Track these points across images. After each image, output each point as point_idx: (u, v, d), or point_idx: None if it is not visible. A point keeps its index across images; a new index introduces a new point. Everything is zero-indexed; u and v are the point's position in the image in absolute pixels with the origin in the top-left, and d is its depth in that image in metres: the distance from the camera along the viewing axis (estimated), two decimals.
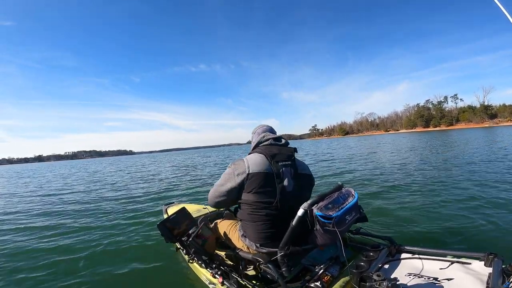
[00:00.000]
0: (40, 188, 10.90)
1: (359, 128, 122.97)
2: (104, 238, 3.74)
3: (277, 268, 1.50)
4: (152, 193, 7.32)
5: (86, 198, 7.27)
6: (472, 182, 5.15)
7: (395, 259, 1.61)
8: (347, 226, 1.44)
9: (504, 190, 4.37)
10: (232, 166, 1.61)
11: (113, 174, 15.34)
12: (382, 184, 5.66)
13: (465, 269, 1.39)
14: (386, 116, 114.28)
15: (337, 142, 44.78)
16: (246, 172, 1.53)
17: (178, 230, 1.97)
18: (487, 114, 75.69)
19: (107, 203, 6.29)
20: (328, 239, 1.40)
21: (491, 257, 1.37)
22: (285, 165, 1.60)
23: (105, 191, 8.45)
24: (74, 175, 17.20)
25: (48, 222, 4.86)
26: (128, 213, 5.13)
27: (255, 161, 1.56)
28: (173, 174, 12.27)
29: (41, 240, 3.89)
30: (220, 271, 1.69)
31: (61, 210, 5.93)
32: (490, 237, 2.78)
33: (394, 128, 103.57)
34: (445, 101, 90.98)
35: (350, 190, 1.55)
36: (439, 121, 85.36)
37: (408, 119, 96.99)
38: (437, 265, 1.48)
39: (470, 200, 3.99)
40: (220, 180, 1.64)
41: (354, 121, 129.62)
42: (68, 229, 4.31)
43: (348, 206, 1.42)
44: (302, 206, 1.38)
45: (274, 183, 1.54)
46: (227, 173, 1.61)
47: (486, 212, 3.45)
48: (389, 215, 3.64)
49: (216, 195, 1.67)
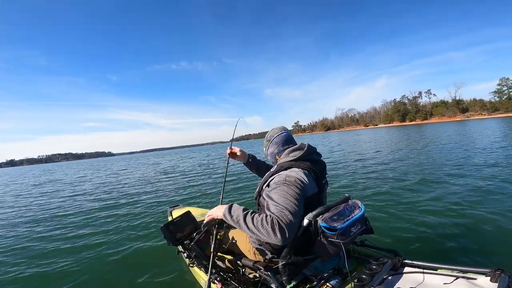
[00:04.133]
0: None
1: (340, 124, 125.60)
2: (107, 238, 3.96)
3: (278, 277, 1.49)
4: (157, 194, 7.50)
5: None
6: (481, 193, 4.58)
7: (399, 272, 1.56)
8: (351, 238, 1.42)
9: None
10: (298, 183, 1.38)
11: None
12: (387, 196, 5.14)
13: (470, 285, 1.34)
14: (366, 112, 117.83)
15: (322, 137, 44.94)
16: (310, 193, 1.43)
17: (181, 234, 2.00)
18: (458, 108, 79.38)
19: (106, 204, 6.67)
20: (331, 250, 1.38)
21: (498, 273, 1.31)
22: (325, 182, 1.60)
23: (92, 194, 8.54)
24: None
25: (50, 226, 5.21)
26: (131, 214, 5.39)
27: (310, 182, 1.45)
28: (183, 177, 11.59)
29: (40, 241, 4.23)
30: (219, 277, 1.67)
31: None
32: (497, 251, 2.64)
33: (373, 123, 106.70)
34: (420, 97, 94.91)
35: (357, 202, 1.53)
36: (414, 116, 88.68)
37: (386, 114, 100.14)
38: (442, 280, 1.43)
39: (478, 214, 3.63)
40: (293, 204, 1.29)
41: (336, 116, 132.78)
42: (67, 230, 4.66)
43: (353, 218, 1.40)
44: (306, 217, 1.37)
45: (317, 200, 1.50)
46: (297, 194, 1.34)
47: (494, 225, 3.22)
48: (394, 227, 3.48)
49: (295, 225, 1.27)
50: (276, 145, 1.64)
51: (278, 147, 1.64)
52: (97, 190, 10.07)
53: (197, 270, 1.99)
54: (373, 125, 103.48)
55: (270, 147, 1.68)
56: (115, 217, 5.43)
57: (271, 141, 1.67)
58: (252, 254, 1.66)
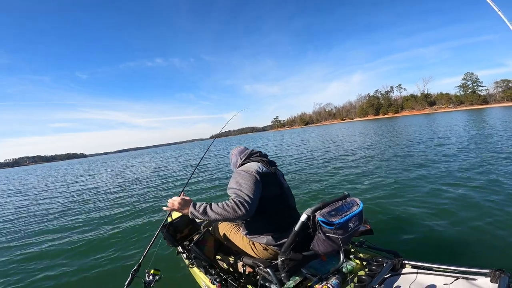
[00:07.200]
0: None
1: (318, 118, 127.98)
2: (104, 239, 3.97)
3: (276, 273, 1.51)
4: (155, 193, 7.41)
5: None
6: (481, 196, 4.36)
7: (399, 273, 1.57)
8: (349, 234, 1.46)
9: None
10: (245, 169, 1.69)
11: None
12: (386, 197, 4.94)
13: (470, 285, 1.36)
14: (342, 106, 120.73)
15: (300, 132, 45.57)
16: (260, 171, 1.68)
17: (180, 234, 2.02)
18: (427, 102, 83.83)
19: (107, 203, 6.66)
20: (329, 247, 1.42)
21: (498, 274, 1.33)
22: (276, 168, 1.86)
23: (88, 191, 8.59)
24: None
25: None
26: (130, 214, 5.35)
27: (259, 165, 1.75)
28: (182, 172, 11.47)
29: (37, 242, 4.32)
30: (219, 278, 1.70)
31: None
32: (497, 252, 2.63)
33: (349, 117, 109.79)
34: (392, 91, 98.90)
35: (355, 199, 1.57)
36: (387, 109, 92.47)
37: (361, 108, 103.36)
38: (442, 280, 1.44)
39: (479, 214, 3.58)
40: (245, 184, 1.58)
41: (313, 111, 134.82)
42: (66, 230, 4.68)
43: (351, 214, 1.44)
44: (305, 212, 1.44)
45: (275, 181, 1.74)
46: (246, 175, 1.63)
47: (495, 226, 3.20)
48: (394, 228, 3.47)
49: (253, 199, 1.52)
50: (236, 156, 1.98)
51: (237, 157, 1.97)
52: (93, 190, 9.65)
53: (197, 271, 2.00)
54: (349, 119, 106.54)
55: (232, 159, 2.03)
56: (113, 218, 5.37)
57: (232, 153, 2.05)
58: (251, 246, 1.76)
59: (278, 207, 1.69)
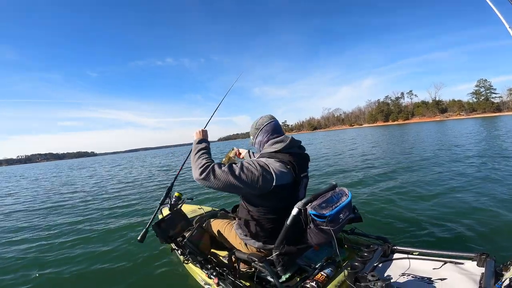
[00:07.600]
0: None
1: (326, 123, 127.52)
2: (97, 238, 3.88)
3: (272, 268, 1.51)
4: (146, 193, 7.44)
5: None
6: (465, 182, 4.96)
7: (389, 259, 1.62)
8: (341, 225, 1.46)
9: (501, 192, 4.16)
10: (254, 166, 1.40)
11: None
12: (375, 184, 5.52)
13: (458, 269, 1.41)
14: (351, 111, 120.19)
15: (311, 136, 45.54)
16: (273, 184, 1.40)
17: (173, 231, 1.99)
18: (438, 108, 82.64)
19: (98, 202, 6.57)
20: (322, 238, 1.41)
21: (484, 257, 1.39)
22: (304, 176, 1.60)
23: (98, 189, 8.73)
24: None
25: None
26: (121, 213, 5.23)
27: (281, 173, 1.45)
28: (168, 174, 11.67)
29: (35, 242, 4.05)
30: (215, 272, 1.70)
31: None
32: (482, 237, 2.77)
33: (358, 123, 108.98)
34: (402, 97, 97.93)
35: (343, 189, 1.57)
36: (397, 116, 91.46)
37: (370, 114, 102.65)
38: (431, 265, 1.49)
39: (463, 200, 3.89)
40: (239, 174, 1.36)
41: (322, 116, 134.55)
42: (62, 229, 4.57)
43: (341, 205, 1.44)
44: (296, 205, 1.40)
45: (291, 193, 1.53)
46: (247, 167, 1.39)
47: (479, 212, 3.41)
48: (383, 215, 3.60)
49: (222, 189, 1.36)
50: (266, 133, 1.62)
51: (268, 135, 1.61)
52: (85, 189, 9.83)
53: (192, 267, 1.99)
54: (358, 125, 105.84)
55: (259, 135, 1.64)
56: (104, 216, 5.30)
57: (260, 129, 1.63)
58: (243, 246, 1.68)
59: (277, 216, 1.53)
